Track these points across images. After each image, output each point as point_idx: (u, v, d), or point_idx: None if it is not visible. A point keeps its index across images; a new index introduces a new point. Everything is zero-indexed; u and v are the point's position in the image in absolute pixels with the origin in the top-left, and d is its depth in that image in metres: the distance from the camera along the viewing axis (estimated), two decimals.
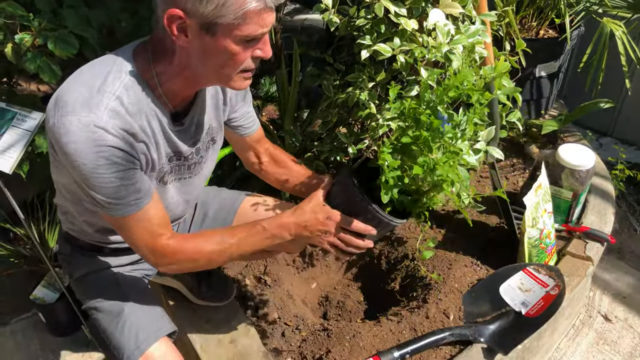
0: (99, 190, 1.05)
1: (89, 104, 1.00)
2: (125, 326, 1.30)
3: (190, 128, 1.22)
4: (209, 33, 0.99)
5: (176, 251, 1.16)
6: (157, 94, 1.10)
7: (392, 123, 1.55)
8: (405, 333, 1.59)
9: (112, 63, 1.06)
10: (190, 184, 1.34)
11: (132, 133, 1.06)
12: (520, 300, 1.61)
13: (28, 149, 1.55)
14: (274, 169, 1.50)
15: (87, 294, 1.39)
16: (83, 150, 1.00)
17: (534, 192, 1.71)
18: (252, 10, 0.97)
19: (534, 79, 2.39)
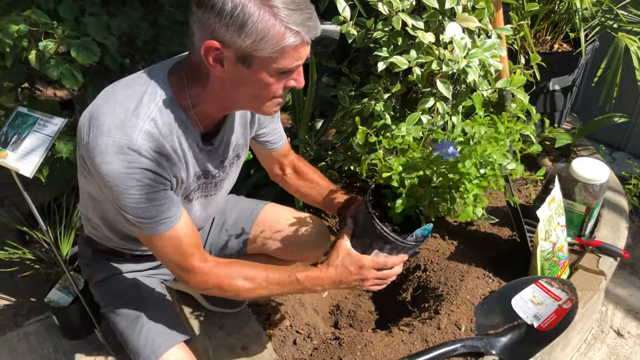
0: (129, 210, 1.08)
1: (124, 127, 1.03)
2: (143, 331, 1.32)
3: (219, 148, 1.25)
4: (245, 64, 1.00)
5: (206, 275, 1.18)
6: (189, 115, 1.12)
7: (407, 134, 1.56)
8: (417, 344, 1.59)
9: (147, 83, 1.08)
10: (213, 200, 1.37)
11: (165, 154, 1.09)
12: (533, 313, 1.61)
13: (48, 154, 1.58)
14: (296, 181, 1.53)
15: (105, 297, 1.41)
16: (116, 172, 1.03)
17: (547, 205, 1.71)
18: (289, 45, 0.99)
19: (548, 93, 2.40)
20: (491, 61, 1.55)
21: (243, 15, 0.94)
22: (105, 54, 1.73)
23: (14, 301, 2.42)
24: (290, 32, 0.97)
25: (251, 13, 0.94)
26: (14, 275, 2.34)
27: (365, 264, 1.21)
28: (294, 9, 0.97)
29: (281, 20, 0.96)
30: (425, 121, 1.62)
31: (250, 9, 0.94)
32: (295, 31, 0.98)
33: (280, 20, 0.96)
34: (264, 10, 0.95)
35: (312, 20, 1.00)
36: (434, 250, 1.97)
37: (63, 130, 1.62)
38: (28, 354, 2.16)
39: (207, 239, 1.58)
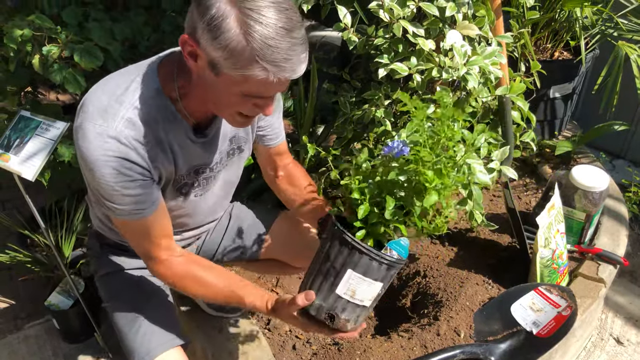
0: (104, 194, 1.11)
1: (106, 113, 1.05)
2: (140, 330, 1.33)
3: (215, 140, 1.25)
4: (214, 71, 0.98)
5: (167, 269, 1.21)
6: (178, 107, 1.12)
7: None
8: (416, 350, 1.59)
9: (136, 73, 1.10)
10: (214, 193, 1.38)
11: (146, 143, 1.09)
12: (532, 319, 1.61)
13: (50, 158, 1.59)
14: (286, 186, 1.51)
15: (109, 292, 1.42)
16: (94, 157, 1.05)
17: (546, 213, 1.71)
18: (254, 76, 0.95)
19: (548, 100, 2.41)
20: (491, 68, 1.56)
21: (220, 26, 0.91)
22: (108, 59, 1.75)
23: (15, 304, 2.43)
24: (259, 65, 0.93)
25: (228, 28, 0.91)
26: (15, 279, 2.35)
27: (302, 328, 1.19)
28: (272, 44, 0.92)
29: (253, 49, 0.92)
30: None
31: (229, 24, 0.91)
32: (263, 67, 0.93)
33: (252, 49, 0.92)
34: (241, 31, 0.91)
35: (290, 62, 0.94)
36: (433, 256, 1.97)
37: (65, 134, 1.63)
38: (28, 357, 2.16)
39: (221, 242, 1.59)
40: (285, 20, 0.93)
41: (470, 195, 1.66)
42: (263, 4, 0.92)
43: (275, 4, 0.93)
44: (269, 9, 0.92)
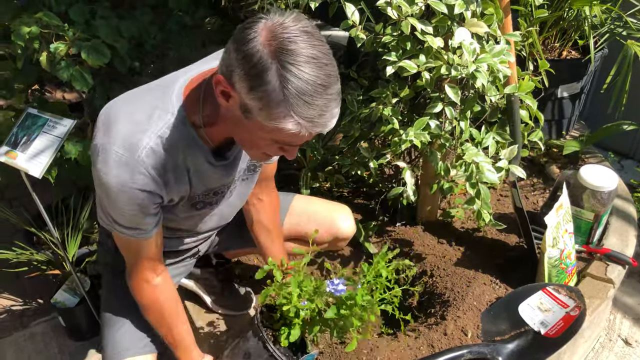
0: (111, 212, 1.14)
1: (129, 143, 1.04)
2: (121, 329, 1.36)
3: (235, 162, 1.25)
4: (245, 114, 0.97)
5: (138, 290, 1.29)
6: (200, 133, 1.11)
7: (415, 139, 1.56)
8: (423, 349, 1.58)
9: (161, 97, 1.08)
10: (230, 203, 1.39)
11: (165, 171, 1.10)
12: (540, 320, 1.60)
13: (57, 155, 1.59)
14: (259, 217, 1.52)
15: (107, 284, 1.46)
16: (111, 184, 1.06)
17: (555, 212, 1.70)
18: (286, 129, 0.95)
19: (556, 100, 2.39)
20: (500, 67, 1.55)
21: (259, 78, 0.90)
22: (115, 57, 1.75)
23: (21, 302, 2.43)
24: (292, 120, 0.93)
25: (267, 81, 0.90)
26: (21, 276, 2.35)
27: None
28: (307, 101, 0.91)
29: (289, 104, 0.91)
30: (433, 126, 1.62)
31: (268, 77, 0.90)
32: (296, 122, 0.93)
33: (288, 104, 0.91)
34: (280, 86, 0.90)
35: (324, 118, 0.95)
36: (440, 256, 1.96)
37: (72, 132, 1.63)
38: (34, 354, 2.16)
39: (237, 234, 1.61)
40: (324, 78, 0.92)
41: (479, 195, 1.66)
42: (303, 59, 0.90)
43: (315, 60, 0.91)
44: (308, 64, 0.90)
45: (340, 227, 1.66)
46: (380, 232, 2.14)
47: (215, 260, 1.78)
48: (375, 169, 1.84)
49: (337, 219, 1.66)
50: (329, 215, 1.66)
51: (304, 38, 0.91)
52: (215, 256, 1.78)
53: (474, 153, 1.60)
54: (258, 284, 1.92)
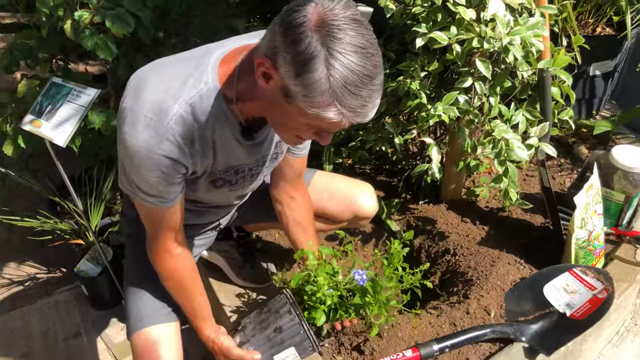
0: (134, 178, 1.12)
1: (160, 107, 1.02)
2: (144, 297, 1.35)
3: (262, 144, 1.22)
4: (284, 98, 0.95)
5: (159, 260, 1.27)
6: (231, 107, 1.09)
7: (444, 114, 1.53)
8: (445, 327, 1.57)
9: (196, 66, 1.06)
10: (246, 189, 1.37)
11: (191, 141, 1.08)
12: (565, 301, 1.57)
13: (81, 124, 1.58)
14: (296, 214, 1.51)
15: (130, 253, 1.45)
16: (137, 148, 1.04)
17: (584, 192, 1.66)
18: (327, 118, 0.92)
19: (588, 78, 2.32)
20: (533, 40, 1.49)
21: (306, 65, 0.88)
22: (139, 26, 1.72)
23: (45, 270, 2.47)
24: (335, 109, 0.91)
25: (314, 69, 0.88)
26: (45, 245, 2.38)
27: None
28: (353, 91, 0.89)
29: (334, 93, 0.89)
30: (462, 101, 1.58)
31: (316, 65, 0.87)
32: (339, 111, 0.91)
33: (333, 93, 0.89)
34: (326, 74, 0.88)
35: (366, 108, 0.93)
36: (464, 235, 1.93)
37: (95, 102, 1.63)
38: (58, 322, 2.20)
39: (259, 208, 1.60)
40: (370, 68, 0.90)
41: (506, 173, 1.62)
42: (351, 49, 0.88)
43: (363, 50, 0.89)
44: (356, 54, 0.88)
45: (362, 206, 1.63)
46: (402, 210, 2.12)
47: (236, 233, 1.78)
48: (400, 145, 1.81)
49: (358, 197, 1.63)
50: (351, 192, 1.63)
51: (353, 27, 0.89)
52: (236, 229, 1.78)
53: (503, 129, 1.55)
54: (278, 258, 1.92)
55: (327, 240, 2.05)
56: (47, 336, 2.14)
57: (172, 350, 1.31)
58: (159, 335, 1.30)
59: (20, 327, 2.18)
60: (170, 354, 1.30)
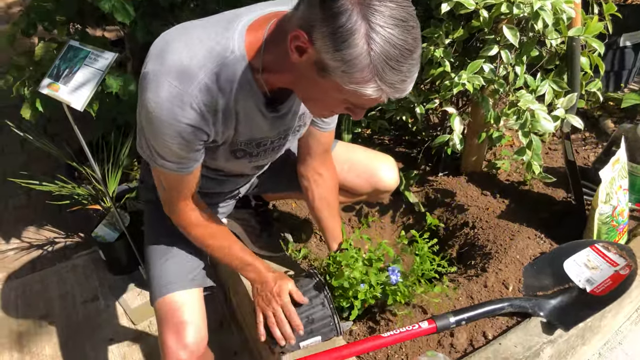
0: (154, 145, 1.09)
1: (184, 75, 0.99)
2: (166, 264, 1.34)
3: (286, 116, 1.19)
4: (319, 73, 0.91)
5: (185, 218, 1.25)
6: (256, 77, 1.05)
7: (468, 83, 1.48)
8: (462, 300, 1.55)
9: (222, 33, 1.02)
10: (270, 159, 1.35)
11: (215, 110, 1.05)
12: (586, 277, 1.54)
13: (98, 89, 1.57)
14: (323, 191, 1.48)
15: (149, 219, 1.44)
16: (159, 115, 1.01)
17: (610, 167, 1.61)
18: (365, 94, 0.89)
19: (617, 49, 2.24)
20: (565, 7, 1.43)
21: (347, 40, 0.84)
22: None
23: (63, 235, 2.50)
24: (375, 85, 0.88)
25: (355, 44, 0.84)
26: (63, 210, 2.40)
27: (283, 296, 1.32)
28: (393, 66, 0.86)
29: (375, 69, 0.86)
30: (487, 70, 1.53)
31: (357, 40, 0.84)
32: (379, 87, 0.88)
33: (374, 69, 0.86)
34: (367, 49, 0.84)
35: (405, 83, 0.90)
36: (483, 208, 1.90)
37: (112, 66, 1.61)
38: (76, 285, 2.23)
39: (278, 178, 1.58)
40: (411, 42, 0.86)
41: (530, 145, 1.58)
42: (392, 22, 0.84)
43: (404, 23, 0.85)
44: (397, 27, 0.84)
45: (382, 179, 1.59)
46: (421, 182, 2.09)
47: (254, 202, 1.77)
48: (421, 115, 1.77)
49: (379, 170, 1.59)
50: (371, 165, 1.59)
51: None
52: (254, 198, 1.77)
53: (529, 100, 1.51)
54: (295, 228, 1.91)
55: (344, 212, 2.03)
56: (66, 299, 2.17)
57: (196, 314, 1.30)
58: (183, 301, 1.30)
59: (40, 290, 2.22)
60: (195, 318, 1.29)
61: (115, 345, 1.97)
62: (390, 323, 1.49)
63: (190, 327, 1.27)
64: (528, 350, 1.38)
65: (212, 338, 1.35)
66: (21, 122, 2.56)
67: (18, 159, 3.03)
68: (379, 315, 1.51)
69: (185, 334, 1.26)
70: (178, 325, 1.27)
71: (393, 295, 1.39)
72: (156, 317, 1.32)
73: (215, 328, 1.99)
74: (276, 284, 1.32)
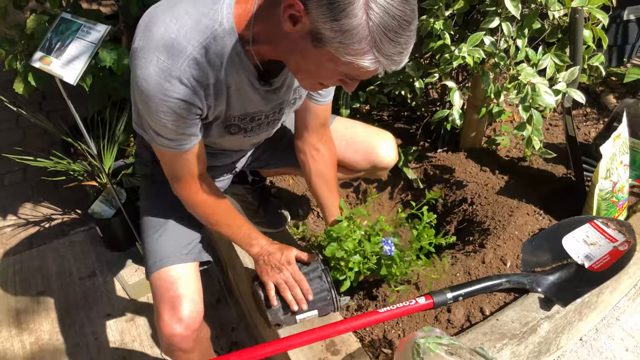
0: (151, 124, 1.08)
1: (172, 49, 0.97)
2: (162, 237, 1.33)
3: (279, 90, 1.17)
4: (313, 43, 0.88)
5: (191, 194, 1.24)
6: (247, 49, 1.03)
7: (468, 56, 1.46)
8: (459, 276, 1.55)
9: (210, 6, 1.00)
10: (264, 135, 1.33)
11: (206, 85, 1.03)
12: (584, 253, 1.53)
13: (91, 63, 1.54)
14: (320, 167, 1.45)
15: (144, 192, 1.42)
16: (150, 93, 1.00)
17: (611, 142, 1.59)
18: (361, 66, 0.87)
19: (621, 23, 2.20)
20: None
21: (344, 10, 0.82)
22: None
23: (60, 211, 2.49)
24: (372, 56, 0.86)
25: (353, 14, 0.82)
26: (59, 186, 2.39)
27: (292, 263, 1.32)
28: (392, 38, 0.84)
29: (373, 40, 0.84)
30: (488, 43, 1.50)
31: (355, 10, 0.81)
32: (376, 59, 0.86)
33: (372, 40, 0.84)
34: (366, 20, 0.82)
35: (402, 55, 0.88)
36: (482, 184, 1.89)
37: (106, 39, 1.57)
38: (73, 261, 2.23)
39: (274, 151, 1.57)
40: (409, 13, 0.84)
41: (530, 120, 1.56)
42: None
43: None
44: None
45: (380, 155, 1.56)
46: (420, 158, 2.07)
47: (251, 177, 1.75)
48: (421, 90, 1.74)
49: (377, 147, 1.56)
50: (370, 141, 1.56)
51: None
52: (251, 173, 1.75)
53: (530, 73, 1.48)
54: (293, 204, 1.90)
55: (342, 188, 2.02)
56: (63, 276, 2.17)
57: (191, 288, 1.29)
58: (178, 275, 1.29)
59: (37, 266, 2.21)
60: (190, 292, 1.29)
61: (113, 320, 1.97)
62: (387, 299, 1.49)
63: (185, 301, 1.26)
64: (525, 326, 1.37)
65: (209, 313, 1.35)
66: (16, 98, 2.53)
67: (13, 135, 3.01)
68: (375, 292, 1.51)
69: (180, 308, 1.25)
70: (173, 300, 1.26)
71: (388, 268, 1.38)
72: (152, 291, 1.31)
73: (212, 303, 1.99)
74: (283, 254, 1.32)
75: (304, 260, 1.34)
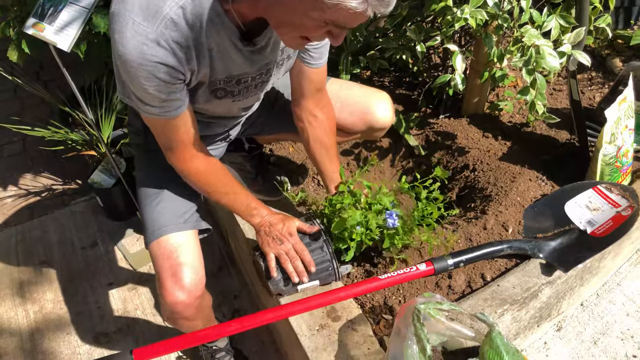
0: (135, 91, 1.05)
1: (148, 10, 0.94)
2: (159, 206, 1.32)
3: (264, 50, 1.13)
4: None
5: (186, 162, 1.22)
6: (226, 8, 1.00)
7: (470, 18, 1.42)
8: (461, 242, 1.54)
9: None
10: (254, 98, 1.30)
11: (186, 46, 1.00)
12: (587, 218, 1.52)
13: (85, 29, 1.50)
14: (318, 133, 1.42)
15: (140, 162, 1.41)
16: (129, 57, 0.97)
17: (617, 106, 1.56)
18: (347, 8, 0.84)
19: None
20: None
21: None
22: None
23: (60, 181, 2.48)
24: None
25: None
26: (58, 156, 2.37)
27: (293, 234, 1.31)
28: None
29: None
30: (491, 4, 1.46)
31: None
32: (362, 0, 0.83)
33: None
34: None
35: None
36: (484, 150, 1.87)
37: (100, 4, 1.54)
38: (75, 232, 2.23)
39: (269, 115, 1.54)
40: None
41: (534, 83, 1.53)
42: None
43: None
44: None
45: (376, 116, 1.52)
46: (422, 124, 2.04)
47: (247, 145, 1.73)
48: (422, 54, 1.70)
49: (373, 107, 1.52)
50: (365, 101, 1.52)
51: None
52: (247, 141, 1.73)
53: (534, 35, 1.44)
54: (293, 172, 1.88)
55: (342, 155, 2.00)
56: (65, 245, 2.18)
57: (191, 256, 1.29)
58: (177, 243, 1.28)
59: (39, 236, 2.22)
60: (191, 260, 1.28)
61: (116, 289, 1.98)
62: (388, 266, 1.49)
63: (186, 268, 1.26)
64: (526, 292, 1.37)
65: (211, 282, 1.35)
66: (13, 68, 2.50)
67: (12, 106, 2.98)
68: (376, 259, 1.50)
69: (182, 276, 1.25)
70: (174, 267, 1.26)
71: (391, 239, 1.38)
72: (152, 260, 1.31)
73: (214, 272, 2.00)
74: (285, 225, 1.31)
75: (306, 231, 1.33)
